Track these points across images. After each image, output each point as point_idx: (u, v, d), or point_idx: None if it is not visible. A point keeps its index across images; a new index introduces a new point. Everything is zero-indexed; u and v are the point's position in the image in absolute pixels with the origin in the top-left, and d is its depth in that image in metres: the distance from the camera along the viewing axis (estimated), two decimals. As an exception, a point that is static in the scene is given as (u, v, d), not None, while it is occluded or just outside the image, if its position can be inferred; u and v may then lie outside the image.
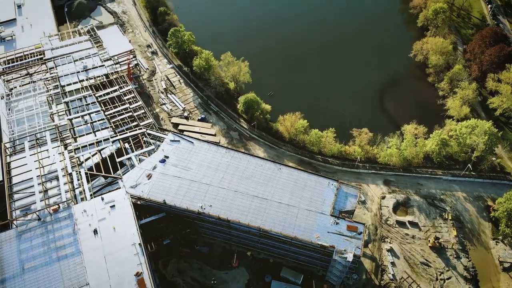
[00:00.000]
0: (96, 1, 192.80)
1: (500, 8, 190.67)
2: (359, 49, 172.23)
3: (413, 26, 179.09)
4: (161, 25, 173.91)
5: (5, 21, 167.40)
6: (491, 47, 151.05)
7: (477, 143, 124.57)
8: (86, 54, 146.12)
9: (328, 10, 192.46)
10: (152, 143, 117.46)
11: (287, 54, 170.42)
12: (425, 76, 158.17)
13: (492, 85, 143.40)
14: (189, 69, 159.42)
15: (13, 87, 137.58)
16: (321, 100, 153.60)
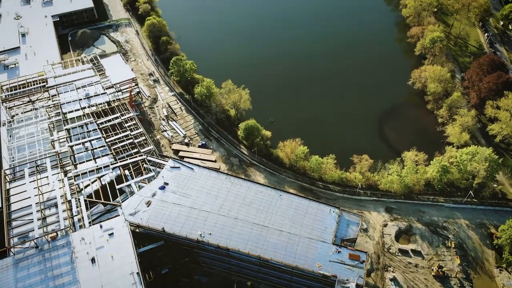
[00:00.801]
0: (100, 30, 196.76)
1: (497, 37, 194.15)
2: (358, 76, 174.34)
3: (411, 54, 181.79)
4: (163, 54, 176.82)
5: (9, 49, 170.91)
6: (489, 75, 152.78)
7: (478, 170, 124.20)
8: (88, 82, 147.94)
9: (328, 39, 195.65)
10: (152, 170, 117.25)
11: (288, 81, 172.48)
12: (424, 104, 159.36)
13: (491, 112, 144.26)
14: (190, 96, 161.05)
15: (15, 114, 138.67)
16: (321, 127, 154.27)
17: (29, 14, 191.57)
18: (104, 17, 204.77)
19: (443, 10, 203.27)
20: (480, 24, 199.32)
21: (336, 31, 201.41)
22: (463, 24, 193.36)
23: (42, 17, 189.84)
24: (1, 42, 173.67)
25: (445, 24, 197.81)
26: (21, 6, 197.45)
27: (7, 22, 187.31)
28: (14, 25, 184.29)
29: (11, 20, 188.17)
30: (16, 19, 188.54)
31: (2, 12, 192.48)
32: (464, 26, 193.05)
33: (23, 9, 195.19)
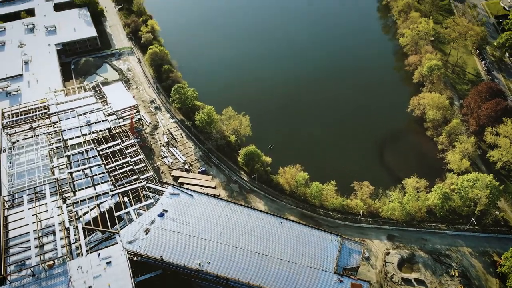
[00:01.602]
0: (103, 58, 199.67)
1: (494, 64, 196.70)
2: (358, 103, 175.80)
3: (409, 82, 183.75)
4: (165, 81, 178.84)
5: (12, 76, 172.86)
6: (487, 102, 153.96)
7: (479, 197, 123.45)
8: (90, 109, 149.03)
9: (327, 66, 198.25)
10: (152, 197, 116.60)
11: (288, 107, 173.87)
12: (424, 130, 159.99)
13: (491, 139, 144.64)
14: (191, 123, 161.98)
15: (16, 140, 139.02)
16: (321, 153, 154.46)
17: (33, 42, 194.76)
18: (107, 45, 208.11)
19: (440, 39, 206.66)
20: (477, 52, 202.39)
21: (336, 59, 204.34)
22: (460, 52, 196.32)
23: (45, 45, 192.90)
24: (4, 69, 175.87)
25: (442, 52, 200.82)
26: (25, 34, 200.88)
27: (11, 49, 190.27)
28: (18, 52, 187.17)
29: (14, 48, 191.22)
30: (20, 47, 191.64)
31: (6, 40, 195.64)
32: (461, 54, 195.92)
33: (27, 37, 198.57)
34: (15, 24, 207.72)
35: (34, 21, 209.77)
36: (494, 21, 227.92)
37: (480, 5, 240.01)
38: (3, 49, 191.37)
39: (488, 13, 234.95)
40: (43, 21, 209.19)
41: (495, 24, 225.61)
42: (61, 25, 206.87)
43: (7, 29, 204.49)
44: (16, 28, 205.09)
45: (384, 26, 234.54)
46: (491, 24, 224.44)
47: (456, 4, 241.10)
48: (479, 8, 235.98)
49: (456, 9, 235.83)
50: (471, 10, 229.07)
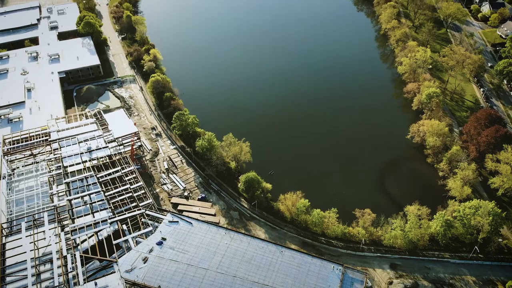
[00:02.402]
0: (105, 86, 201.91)
1: (492, 91, 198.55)
2: (358, 130, 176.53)
3: (408, 109, 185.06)
4: (166, 109, 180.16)
5: (14, 103, 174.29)
6: (486, 129, 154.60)
7: (481, 224, 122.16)
8: (91, 136, 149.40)
9: (327, 94, 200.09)
10: (150, 224, 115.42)
11: (288, 134, 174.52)
12: (424, 157, 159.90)
13: (492, 166, 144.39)
14: (191, 149, 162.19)
15: (16, 167, 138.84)
16: (322, 180, 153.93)
17: (36, 70, 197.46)
18: (109, 73, 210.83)
19: (437, 67, 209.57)
20: (475, 79, 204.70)
21: (336, 86, 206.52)
22: (458, 79, 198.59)
23: (48, 73, 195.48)
24: (7, 97, 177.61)
25: (440, 80, 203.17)
26: (28, 62, 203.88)
27: (14, 77, 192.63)
28: (21, 80, 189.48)
29: (17, 75, 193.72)
30: (23, 74, 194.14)
31: (9, 68, 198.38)
32: (459, 82, 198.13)
33: (30, 65, 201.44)
34: (19, 52, 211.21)
35: (37, 49, 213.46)
36: (491, 49, 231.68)
37: (477, 34, 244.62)
38: (6, 76, 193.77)
39: (485, 41, 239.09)
40: (47, 50, 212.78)
41: (492, 52, 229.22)
42: (65, 53, 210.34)
43: (11, 57, 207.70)
44: (20, 56, 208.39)
45: (383, 54, 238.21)
46: (488, 52, 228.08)
47: (453, 33, 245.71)
48: (476, 37, 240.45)
49: (453, 38, 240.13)
50: (468, 38, 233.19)
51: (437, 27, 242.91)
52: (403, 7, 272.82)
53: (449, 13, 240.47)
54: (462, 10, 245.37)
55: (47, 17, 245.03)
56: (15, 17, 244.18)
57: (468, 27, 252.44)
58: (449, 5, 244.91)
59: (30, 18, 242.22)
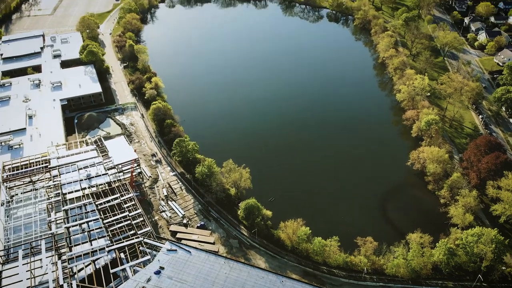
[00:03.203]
0: (106, 113, 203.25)
1: (491, 118, 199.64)
2: (358, 157, 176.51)
3: (407, 136, 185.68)
4: (166, 135, 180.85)
5: (15, 130, 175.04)
6: (486, 155, 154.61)
7: (484, 252, 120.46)
8: (91, 162, 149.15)
9: (327, 120, 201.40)
10: (149, 253, 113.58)
11: (289, 161, 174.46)
12: (425, 184, 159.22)
13: (493, 193, 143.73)
14: (191, 176, 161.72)
15: (15, 194, 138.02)
16: (323, 207, 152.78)
17: (38, 97, 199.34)
18: (111, 101, 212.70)
19: (436, 94, 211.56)
20: (473, 106, 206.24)
21: (335, 114, 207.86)
22: (456, 107, 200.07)
23: (50, 101, 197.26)
24: (8, 124, 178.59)
25: (439, 107, 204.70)
26: (31, 89, 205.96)
27: (15, 104, 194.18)
28: (22, 107, 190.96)
29: (19, 102, 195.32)
30: (25, 101, 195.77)
31: (11, 95, 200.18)
32: (458, 109, 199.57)
33: (32, 92, 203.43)
34: (21, 80, 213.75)
35: (40, 77, 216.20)
36: (488, 76, 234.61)
37: (474, 62, 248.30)
38: (8, 103, 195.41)
39: (482, 69, 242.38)
40: (49, 77, 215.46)
41: (489, 79, 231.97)
42: (67, 81, 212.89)
43: (13, 84, 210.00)
44: (22, 83, 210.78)
45: (381, 82, 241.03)
46: (485, 80, 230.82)
47: (450, 61, 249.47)
48: (473, 65, 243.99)
49: (450, 66, 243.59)
50: (465, 66, 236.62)
51: (434, 55, 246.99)
52: (400, 36, 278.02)
53: (446, 42, 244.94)
54: (458, 39, 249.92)
55: (51, 46, 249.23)
56: (19, 45, 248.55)
57: (465, 55, 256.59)
58: (445, 34, 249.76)
59: (34, 46, 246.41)
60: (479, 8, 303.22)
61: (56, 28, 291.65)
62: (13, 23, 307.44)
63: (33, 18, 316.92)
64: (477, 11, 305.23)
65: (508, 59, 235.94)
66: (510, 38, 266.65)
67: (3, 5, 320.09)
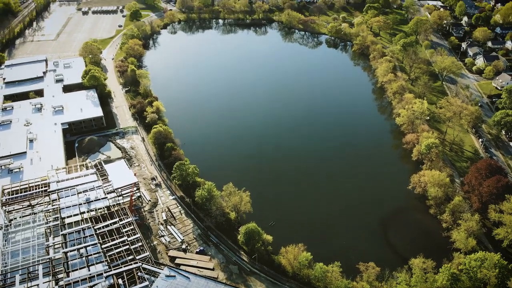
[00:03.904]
0: (107, 137, 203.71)
1: (491, 142, 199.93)
2: (359, 182, 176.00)
3: (408, 160, 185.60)
4: (167, 159, 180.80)
5: (15, 154, 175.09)
6: (488, 179, 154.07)
7: (488, 277, 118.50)
8: (90, 186, 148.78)
9: (327, 145, 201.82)
10: (147, 279, 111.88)
11: (289, 185, 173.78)
12: (426, 208, 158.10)
13: (495, 216, 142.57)
14: (191, 200, 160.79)
15: (13, 218, 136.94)
16: (325, 231, 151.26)
17: (39, 121, 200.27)
18: (112, 125, 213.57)
19: (435, 118, 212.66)
20: (473, 130, 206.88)
21: (335, 138, 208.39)
22: (456, 130, 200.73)
23: (51, 124, 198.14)
24: (9, 147, 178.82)
25: (438, 131, 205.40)
26: (32, 113, 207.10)
27: (17, 128, 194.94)
28: (23, 131, 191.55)
29: (21, 126, 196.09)
30: (26, 125, 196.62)
31: (13, 119, 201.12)
32: (458, 133, 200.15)
33: (34, 116, 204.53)
34: (23, 104, 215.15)
35: (42, 101, 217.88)
36: (487, 100, 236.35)
37: (472, 86, 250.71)
38: (10, 127, 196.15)
39: (481, 93, 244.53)
40: (51, 102, 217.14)
41: (488, 103, 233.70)
42: (69, 105, 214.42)
43: (15, 108, 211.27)
44: (24, 107, 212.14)
45: (380, 106, 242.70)
46: (484, 103, 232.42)
47: (449, 85, 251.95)
48: (472, 89, 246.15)
49: (449, 90, 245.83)
50: (463, 90, 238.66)
51: (432, 80, 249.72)
52: (398, 61, 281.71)
53: (444, 67, 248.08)
54: (456, 63, 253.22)
55: (53, 70, 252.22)
56: (22, 69, 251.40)
57: (463, 79, 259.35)
58: (443, 59, 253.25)
59: (36, 71, 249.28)
60: (476, 33, 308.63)
61: (59, 53, 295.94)
62: (17, 48, 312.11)
63: (36, 43, 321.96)
64: (474, 36, 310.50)
65: (507, 83, 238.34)
66: (507, 62, 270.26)
67: (6, 30, 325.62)
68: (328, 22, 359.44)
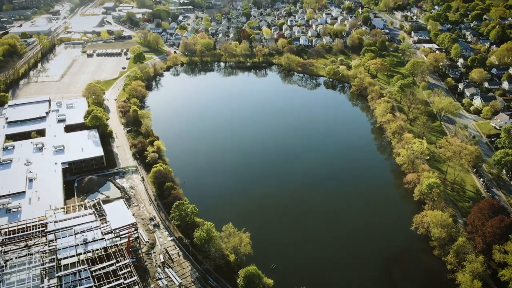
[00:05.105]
0: (106, 177, 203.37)
1: (493, 181, 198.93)
2: (360, 222, 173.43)
3: (410, 199, 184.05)
4: (166, 198, 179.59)
5: (14, 193, 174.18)
6: (491, 219, 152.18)
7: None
8: (88, 227, 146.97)
9: (327, 184, 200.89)
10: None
11: (290, 226, 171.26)
12: (430, 249, 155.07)
13: (500, 257, 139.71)
14: (189, 241, 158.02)
15: (9, 258, 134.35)
16: (326, 274, 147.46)
17: (39, 161, 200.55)
18: (112, 164, 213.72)
19: (435, 158, 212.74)
20: (474, 170, 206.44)
21: (334, 178, 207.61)
22: (457, 170, 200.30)
23: (52, 164, 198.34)
24: (8, 186, 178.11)
25: (439, 170, 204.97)
26: (33, 153, 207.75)
27: (17, 167, 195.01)
28: (23, 170, 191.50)
29: (21, 165, 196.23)
30: (26, 165, 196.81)
31: (13, 158, 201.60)
32: (458, 172, 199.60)
33: (34, 155, 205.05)
34: (24, 143, 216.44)
35: (43, 140, 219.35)
36: (486, 140, 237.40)
37: (471, 126, 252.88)
38: (10, 166, 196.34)
39: (480, 132, 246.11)
40: (53, 141, 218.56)
41: (487, 143, 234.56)
42: (70, 144, 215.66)
43: (16, 147, 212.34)
44: (25, 147, 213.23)
45: (380, 146, 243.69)
46: (484, 143, 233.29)
47: (447, 125, 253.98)
48: (470, 128, 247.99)
49: (448, 130, 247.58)
50: (462, 130, 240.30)
51: (431, 119, 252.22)
52: (396, 102, 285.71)
53: (442, 107, 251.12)
54: (454, 104, 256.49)
55: (56, 111, 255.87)
56: (25, 109, 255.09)
57: (461, 119, 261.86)
58: (441, 99, 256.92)
59: (39, 111, 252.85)
60: (473, 74, 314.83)
61: (63, 94, 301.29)
62: (20, 89, 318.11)
63: (40, 84, 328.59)
64: (470, 77, 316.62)
65: (505, 123, 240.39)
66: (505, 102, 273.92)
67: (11, 71, 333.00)
68: (326, 65, 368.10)
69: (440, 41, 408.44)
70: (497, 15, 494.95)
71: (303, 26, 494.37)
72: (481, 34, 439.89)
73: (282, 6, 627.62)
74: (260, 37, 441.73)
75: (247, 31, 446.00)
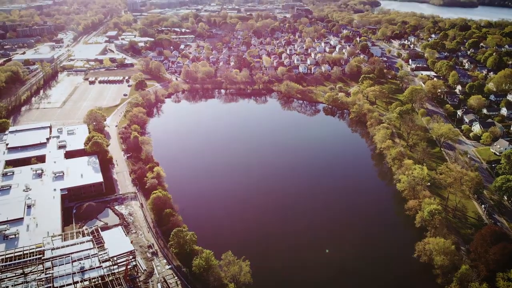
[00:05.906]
0: (105, 203, 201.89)
1: (494, 208, 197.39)
2: (362, 251, 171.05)
3: (411, 226, 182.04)
4: (165, 225, 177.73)
5: (12, 220, 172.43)
6: (493, 246, 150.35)
7: None
8: (85, 254, 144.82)
9: (327, 212, 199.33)
10: None
11: (290, 254, 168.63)
12: (433, 277, 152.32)
13: (503, 285, 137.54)
14: (188, 269, 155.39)
15: (5, 286, 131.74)
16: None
17: (38, 187, 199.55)
18: (111, 190, 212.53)
19: (436, 184, 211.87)
20: (475, 196, 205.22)
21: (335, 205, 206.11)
22: (458, 196, 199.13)
23: (51, 190, 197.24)
24: (6, 213, 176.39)
25: (440, 197, 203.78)
26: (32, 179, 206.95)
27: (15, 193, 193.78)
28: (22, 197, 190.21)
29: (20, 192, 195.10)
30: (25, 191, 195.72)
31: (12, 184, 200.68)
32: (460, 199, 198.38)
33: (34, 182, 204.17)
34: (24, 169, 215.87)
35: (43, 167, 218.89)
36: (486, 166, 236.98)
37: (471, 152, 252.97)
38: (9, 192, 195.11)
39: (480, 159, 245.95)
40: (52, 167, 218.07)
41: (488, 169, 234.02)
42: (70, 171, 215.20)
43: (16, 173, 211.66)
44: (25, 173, 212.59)
45: (380, 172, 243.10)
46: (484, 169, 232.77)
47: (447, 151, 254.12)
48: (470, 155, 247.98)
49: (448, 156, 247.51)
50: (462, 156, 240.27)
51: (430, 146, 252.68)
52: (395, 128, 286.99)
53: (441, 133, 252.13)
54: (453, 130, 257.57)
55: (57, 137, 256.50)
56: (25, 136, 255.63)
57: (461, 145, 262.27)
58: (440, 126, 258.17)
59: (40, 137, 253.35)
60: (471, 101, 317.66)
61: (64, 120, 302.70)
62: (22, 115, 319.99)
63: (42, 110, 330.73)
64: (469, 104, 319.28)
65: (505, 148, 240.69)
66: (504, 128, 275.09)
67: (13, 97, 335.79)
68: (325, 92, 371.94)
69: (437, 68, 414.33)
70: (493, 43, 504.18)
71: (302, 54, 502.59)
72: (478, 62, 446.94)
73: (282, 35, 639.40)
74: (260, 65, 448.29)
75: (248, 60, 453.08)
